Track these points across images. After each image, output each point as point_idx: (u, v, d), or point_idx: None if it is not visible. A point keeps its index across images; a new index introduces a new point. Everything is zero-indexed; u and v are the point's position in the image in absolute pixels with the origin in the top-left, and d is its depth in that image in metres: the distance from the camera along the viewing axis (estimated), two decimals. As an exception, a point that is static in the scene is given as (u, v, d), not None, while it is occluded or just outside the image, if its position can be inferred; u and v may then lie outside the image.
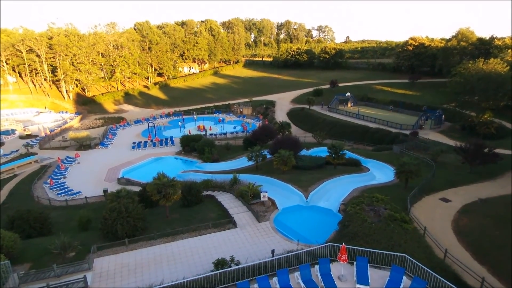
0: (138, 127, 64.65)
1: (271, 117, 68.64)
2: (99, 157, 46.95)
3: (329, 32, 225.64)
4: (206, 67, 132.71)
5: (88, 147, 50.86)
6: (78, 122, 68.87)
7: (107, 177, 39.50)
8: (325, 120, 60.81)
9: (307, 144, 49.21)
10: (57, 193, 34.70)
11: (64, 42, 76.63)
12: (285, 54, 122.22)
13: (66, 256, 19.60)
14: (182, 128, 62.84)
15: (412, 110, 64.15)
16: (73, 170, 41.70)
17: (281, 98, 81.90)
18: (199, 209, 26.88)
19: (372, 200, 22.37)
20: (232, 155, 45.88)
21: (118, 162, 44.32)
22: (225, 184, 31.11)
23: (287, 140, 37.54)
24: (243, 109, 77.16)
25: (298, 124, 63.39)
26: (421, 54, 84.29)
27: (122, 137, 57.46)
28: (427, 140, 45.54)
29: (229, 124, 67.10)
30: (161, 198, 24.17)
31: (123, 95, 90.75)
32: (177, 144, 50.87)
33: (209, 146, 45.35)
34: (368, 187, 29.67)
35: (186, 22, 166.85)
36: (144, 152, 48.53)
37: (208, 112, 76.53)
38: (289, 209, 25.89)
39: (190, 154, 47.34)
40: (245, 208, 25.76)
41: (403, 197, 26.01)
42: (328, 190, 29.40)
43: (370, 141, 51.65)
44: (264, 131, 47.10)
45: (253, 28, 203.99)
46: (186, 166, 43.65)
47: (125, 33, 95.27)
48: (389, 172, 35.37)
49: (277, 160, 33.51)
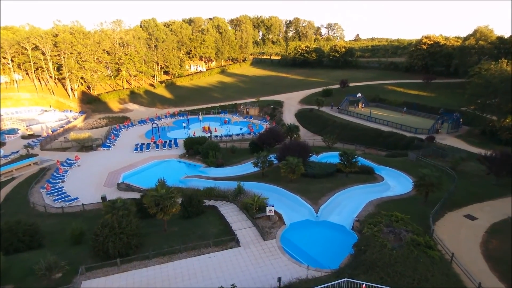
0: (142, 127, 63.08)
1: (278, 118, 66.34)
2: (100, 159, 45.42)
3: (338, 30, 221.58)
4: (213, 66, 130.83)
5: (89, 149, 49.41)
6: (82, 122, 67.65)
7: (106, 182, 37.87)
8: (335, 122, 58.25)
9: (316, 148, 46.88)
10: (53, 199, 33.17)
11: (69, 40, 75.42)
12: (293, 53, 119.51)
13: (52, 278, 17.84)
14: (187, 129, 61.06)
15: (426, 112, 61.16)
16: (72, 174, 40.20)
17: (289, 98, 79.48)
18: (199, 222, 24.94)
19: (391, 219, 20.06)
20: (237, 159, 43.85)
21: (119, 165, 42.69)
22: (229, 194, 29.10)
23: (296, 145, 35.27)
24: (250, 109, 75.00)
25: (306, 126, 60.97)
26: (435, 53, 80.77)
27: (125, 138, 55.92)
28: (445, 146, 42.75)
29: (235, 125, 65.07)
30: (158, 211, 22.28)
31: (129, 93, 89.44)
32: (181, 146, 49.06)
33: (213, 149, 43.40)
34: (383, 199, 27.35)
35: (193, 19, 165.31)
36: (147, 155, 46.85)
37: (214, 112, 74.58)
38: (297, 225, 23.74)
39: (194, 158, 45.50)
40: (249, 222, 23.70)
41: (424, 213, 23.65)
42: (340, 202, 27.16)
43: (383, 146, 49.03)
44: (271, 134, 44.88)
45: (261, 26, 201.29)
46: (189, 171, 41.79)
47: (131, 31, 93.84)
48: (405, 182, 33.00)
49: (285, 168, 31.30)
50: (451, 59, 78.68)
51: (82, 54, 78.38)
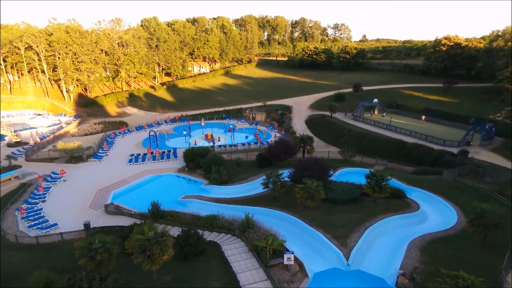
0: (139, 134, 58.11)
1: (287, 125, 61.08)
2: (89, 173, 40.47)
3: (345, 31, 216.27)
4: (216, 67, 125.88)
5: (79, 160, 44.49)
6: (76, 127, 62.85)
7: (93, 202, 32.85)
8: (351, 131, 52.80)
9: (332, 162, 41.69)
10: (28, 224, 28.17)
11: (64, 39, 70.75)
12: (301, 54, 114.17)
13: None
14: (188, 137, 56.03)
15: (451, 121, 55.55)
16: (56, 191, 35.23)
17: (298, 103, 74.18)
18: (198, 268, 19.81)
19: (456, 280, 14.77)
20: (243, 174, 38.74)
21: (110, 181, 37.71)
22: (235, 226, 23.93)
23: (313, 164, 30.00)
24: (256, 114, 69.83)
25: (319, 135, 55.54)
26: (456, 55, 74.96)
27: (119, 147, 51.03)
28: (483, 163, 37.16)
29: (241, 132, 59.87)
30: (144, 259, 17.20)
31: (128, 96, 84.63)
32: (180, 157, 44.01)
33: (217, 164, 38.30)
34: (426, 238, 22.05)
35: (197, 19, 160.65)
36: (142, 168, 41.86)
37: (217, 117, 69.46)
38: (323, 276, 18.53)
39: (195, 172, 40.43)
40: (261, 272, 18.53)
41: (485, 261, 18.46)
42: (373, 241, 21.88)
43: (407, 160, 43.48)
44: (282, 146, 39.68)
45: (266, 26, 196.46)
46: (189, 188, 36.73)
47: (131, 30, 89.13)
48: (445, 210, 27.71)
49: (302, 193, 26.11)
50: (474, 62, 72.96)
51: (77, 54, 73.71)
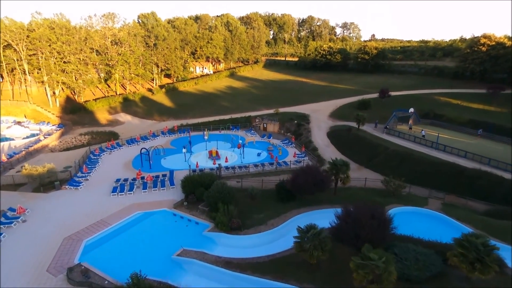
0: (131, 150, 48.60)
1: (306, 139, 51.50)
2: (59, 208, 31.08)
3: (354, 30, 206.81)
4: (221, 68, 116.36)
5: (50, 187, 35.13)
6: (57, 140, 53.48)
7: (54, 261, 23.44)
8: (388, 150, 42.99)
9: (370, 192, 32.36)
10: None
11: (46, 36, 61.44)
12: (313, 54, 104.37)
13: None
14: (188, 153, 46.56)
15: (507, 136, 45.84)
16: (8, 240, 25.89)
17: (316, 111, 64.54)
18: None
19: None
20: (260, 213, 29.28)
21: (84, 222, 28.36)
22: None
23: (369, 219, 20.33)
24: (268, 124, 60.25)
25: (345, 153, 45.77)
26: (499, 57, 65.06)
27: (104, 168, 41.71)
28: None
29: (251, 147, 50.14)
30: None
31: (121, 101, 75.23)
32: (178, 184, 34.55)
33: (225, 199, 28.88)
34: None
35: (200, 16, 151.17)
36: (128, 200, 32.44)
37: (223, 128, 59.95)
38: None
39: (196, 207, 30.99)
40: None
41: None
42: None
43: (467, 191, 33.86)
44: (311, 177, 30.05)
45: (273, 24, 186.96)
46: (188, 234, 27.34)
47: (125, 26, 79.67)
48: None
49: (362, 274, 16.62)
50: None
51: (62, 53, 64.41)
